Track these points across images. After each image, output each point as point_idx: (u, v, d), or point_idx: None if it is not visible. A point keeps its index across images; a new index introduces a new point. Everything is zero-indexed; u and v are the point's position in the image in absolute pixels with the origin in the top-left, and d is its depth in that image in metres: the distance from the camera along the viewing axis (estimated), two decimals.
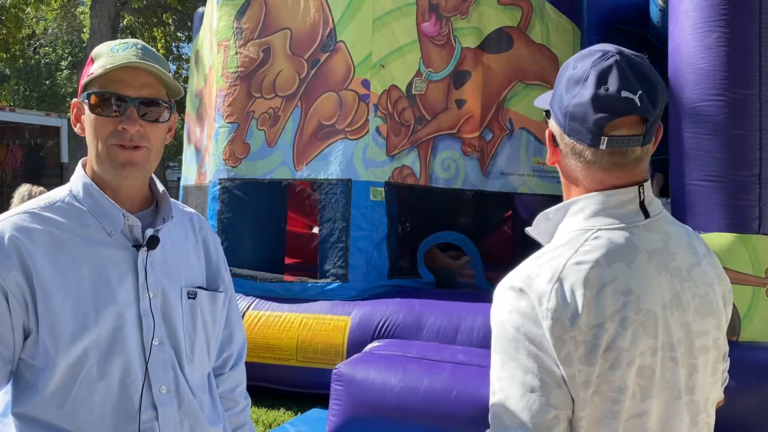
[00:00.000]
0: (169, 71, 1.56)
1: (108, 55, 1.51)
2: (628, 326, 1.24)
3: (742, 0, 4.34)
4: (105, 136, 1.50)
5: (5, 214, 1.51)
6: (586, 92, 1.27)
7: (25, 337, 1.46)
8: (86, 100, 1.51)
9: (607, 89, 1.26)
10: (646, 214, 1.33)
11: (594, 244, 1.29)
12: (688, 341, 1.31)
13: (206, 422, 1.62)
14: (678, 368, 1.30)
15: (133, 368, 1.50)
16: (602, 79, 1.27)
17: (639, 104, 1.25)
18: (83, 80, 1.54)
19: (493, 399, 1.30)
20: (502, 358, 1.28)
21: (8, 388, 1.52)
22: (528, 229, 1.44)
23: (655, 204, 1.35)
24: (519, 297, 1.28)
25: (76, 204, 1.54)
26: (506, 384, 1.27)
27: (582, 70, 1.30)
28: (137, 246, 1.54)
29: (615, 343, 1.23)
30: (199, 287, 1.66)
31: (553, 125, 1.37)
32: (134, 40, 1.58)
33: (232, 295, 1.82)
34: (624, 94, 1.25)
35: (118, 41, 1.56)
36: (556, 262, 1.28)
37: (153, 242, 1.55)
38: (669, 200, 4.95)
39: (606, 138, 1.27)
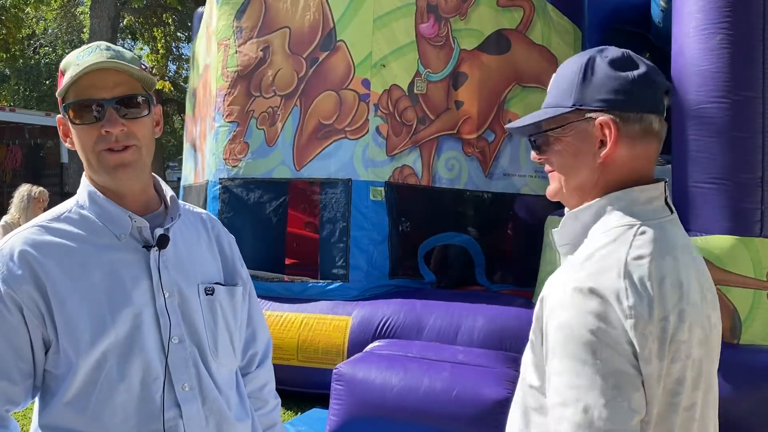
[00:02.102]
0: (139, 65, 1.54)
1: (75, 63, 1.50)
2: (686, 318, 1.25)
3: (747, 2, 4.34)
4: (92, 144, 1.49)
5: (16, 230, 1.53)
6: (641, 68, 1.34)
7: (47, 349, 1.46)
8: (66, 114, 1.51)
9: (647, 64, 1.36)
10: (671, 210, 1.36)
11: (643, 239, 1.29)
12: (711, 333, 1.34)
13: (233, 419, 1.61)
14: (711, 359, 1.33)
15: (153, 367, 1.49)
16: (638, 60, 1.36)
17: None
18: (57, 94, 1.54)
19: (566, 411, 1.21)
20: (573, 365, 1.21)
21: (37, 402, 1.52)
22: (555, 231, 1.42)
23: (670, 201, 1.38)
24: (588, 298, 1.23)
25: (83, 213, 1.54)
26: (583, 393, 1.19)
27: (613, 55, 1.35)
28: (147, 246, 1.54)
29: (676, 335, 1.24)
30: (216, 283, 1.66)
31: (604, 117, 1.33)
32: (98, 42, 1.57)
33: (251, 292, 1.81)
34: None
35: (83, 48, 1.55)
36: (615, 258, 1.26)
37: (163, 241, 1.55)
38: None
39: (664, 105, 1.33)
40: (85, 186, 1.57)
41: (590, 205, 1.37)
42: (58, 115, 1.58)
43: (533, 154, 1.47)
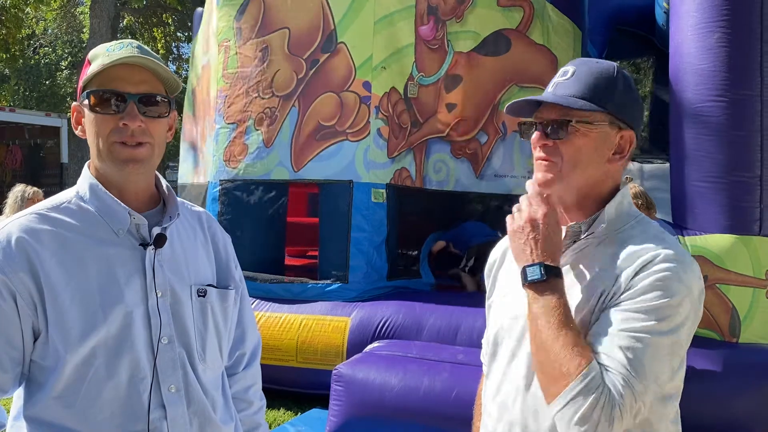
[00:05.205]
0: (166, 67, 1.57)
1: (105, 55, 1.51)
2: None
3: (744, 0, 4.34)
4: (106, 134, 1.50)
5: (13, 216, 1.52)
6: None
7: (35, 339, 1.46)
8: (86, 101, 1.51)
9: None
10: None
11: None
12: None
13: (218, 422, 1.61)
14: None
15: (141, 367, 1.49)
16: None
17: None
18: (81, 82, 1.54)
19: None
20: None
21: (21, 391, 1.52)
22: (612, 218, 1.54)
23: None
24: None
25: (83, 205, 1.54)
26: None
27: (628, 75, 1.53)
28: (144, 245, 1.54)
29: None
30: (209, 285, 1.66)
31: (630, 132, 1.49)
32: (129, 40, 1.59)
33: (244, 293, 1.82)
34: None
35: (113, 42, 1.57)
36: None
37: (160, 240, 1.55)
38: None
39: None
40: (87, 177, 1.57)
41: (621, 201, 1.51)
42: (74, 103, 1.59)
43: (538, 136, 1.50)
